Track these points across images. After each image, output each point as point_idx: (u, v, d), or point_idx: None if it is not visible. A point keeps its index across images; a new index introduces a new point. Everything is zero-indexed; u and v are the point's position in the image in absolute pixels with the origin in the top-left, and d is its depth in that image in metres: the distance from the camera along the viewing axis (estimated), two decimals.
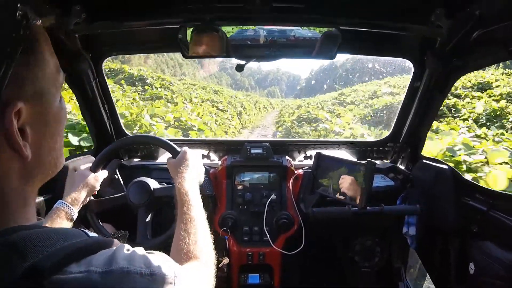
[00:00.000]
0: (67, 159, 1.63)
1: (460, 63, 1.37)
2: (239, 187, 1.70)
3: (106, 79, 1.62)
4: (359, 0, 1.17)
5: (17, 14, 0.40)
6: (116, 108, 1.75)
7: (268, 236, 1.59)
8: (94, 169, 1.32)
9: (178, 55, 1.35)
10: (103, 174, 1.34)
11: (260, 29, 1.27)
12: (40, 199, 1.43)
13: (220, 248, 1.56)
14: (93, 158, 1.35)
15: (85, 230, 0.56)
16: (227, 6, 1.17)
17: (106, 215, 1.40)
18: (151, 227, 1.35)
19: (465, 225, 1.38)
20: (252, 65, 1.38)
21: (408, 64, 1.58)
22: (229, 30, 1.24)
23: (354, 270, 1.99)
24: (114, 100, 1.72)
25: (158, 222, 1.42)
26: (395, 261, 1.96)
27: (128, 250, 0.53)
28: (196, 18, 1.19)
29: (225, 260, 1.56)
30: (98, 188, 1.30)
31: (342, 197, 1.48)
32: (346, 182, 1.48)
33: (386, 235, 1.95)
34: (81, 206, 1.22)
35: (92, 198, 1.33)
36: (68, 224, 1.14)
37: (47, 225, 1.08)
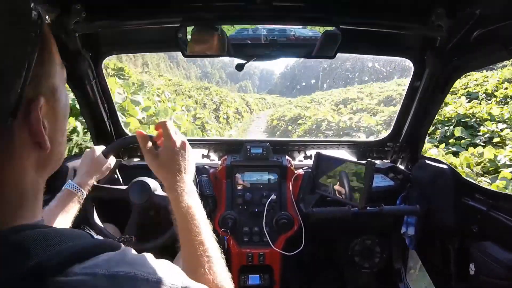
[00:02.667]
0: (66, 159, 1.63)
1: (460, 63, 1.37)
2: (239, 187, 1.69)
3: (106, 78, 1.62)
4: (359, 0, 1.17)
5: (32, 14, 0.41)
6: (116, 107, 1.75)
7: (268, 236, 1.59)
8: (106, 153, 1.31)
9: None
10: (113, 161, 1.35)
11: (260, 28, 1.27)
12: None
13: (220, 248, 1.56)
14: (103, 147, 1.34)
15: (90, 232, 0.56)
16: (227, 5, 1.17)
17: (107, 214, 1.39)
18: (145, 229, 1.35)
19: (465, 225, 1.38)
20: (224, 57, 1.37)
21: (408, 63, 1.58)
22: (229, 29, 1.24)
23: (354, 270, 1.99)
24: (113, 99, 1.72)
25: (154, 224, 1.42)
26: (395, 262, 1.96)
27: (135, 254, 0.52)
28: (196, 17, 1.19)
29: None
30: (105, 175, 1.32)
31: (342, 197, 1.48)
32: (346, 182, 1.48)
33: (386, 235, 1.95)
34: (87, 190, 1.20)
35: (94, 183, 1.31)
36: (76, 207, 1.13)
37: (56, 205, 1.07)
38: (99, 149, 1.31)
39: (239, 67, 1.33)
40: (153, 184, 1.36)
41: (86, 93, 1.56)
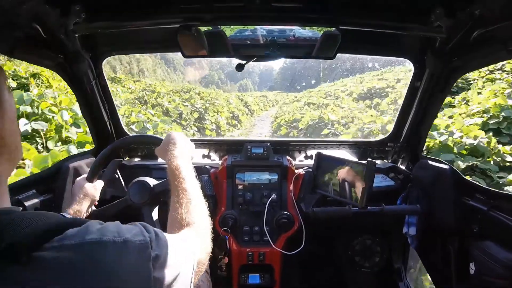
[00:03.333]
0: (66, 159, 1.63)
1: (460, 63, 1.37)
2: (240, 187, 1.70)
3: (106, 79, 1.62)
4: (359, 0, 1.16)
5: None
6: (117, 108, 1.75)
7: (268, 236, 1.59)
8: (90, 178, 1.33)
9: None
10: (100, 183, 1.35)
11: (260, 28, 1.27)
12: (40, 198, 1.43)
13: (221, 248, 1.56)
14: (93, 158, 1.35)
15: (63, 214, 0.59)
16: (227, 6, 1.17)
17: (108, 220, 1.39)
18: (160, 225, 1.34)
19: (466, 225, 1.38)
20: (223, 58, 1.37)
21: (408, 64, 1.58)
22: (229, 30, 1.24)
23: (354, 270, 1.99)
24: (114, 100, 1.72)
25: (164, 221, 1.43)
26: (395, 261, 1.97)
27: (100, 224, 0.56)
28: (195, 18, 1.19)
29: (225, 260, 1.56)
30: (98, 197, 1.32)
31: (343, 197, 1.48)
32: (346, 182, 1.48)
33: (386, 235, 1.95)
34: (84, 217, 1.23)
35: (93, 208, 1.34)
36: None
37: None
38: (81, 178, 1.33)
39: (239, 67, 1.33)
40: (150, 180, 1.36)
41: (87, 93, 1.57)
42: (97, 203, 1.34)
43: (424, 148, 1.94)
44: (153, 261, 0.55)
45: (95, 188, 1.31)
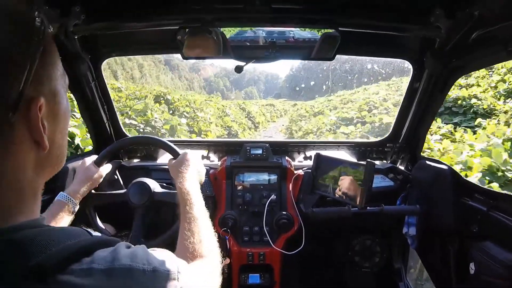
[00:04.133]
0: (67, 160, 1.63)
1: (459, 64, 1.37)
2: (239, 187, 1.70)
3: (105, 80, 1.62)
4: (358, 2, 1.17)
5: (36, 21, 0.47)
6: (116, 109, 1.75)
7: (268, 236, 1.59)
8: (98, 162, 1.32)
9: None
10: (106, 169, 1.35)
11: (259, 30, 1.27)
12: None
13: (221, 249, 1.56)
14: (95, 157, 1.35)
15: (88, 230, 0.58)
16: (227, 7, 1.17)
17: (105, 214, 1.39)
18: (147, 228, 1.35)
19: (465, 225, 1.38)
20: (227, 64, 1.36)
21: (407, 65, 1.59)
22: (229, 31, 1.25)
23: (354, 270, 1.99)
24: (113, 101, 1.72)
25: (155, 223, 1.42)
26: (395, 261, 1.97)
27: (129, 247, 0.54)
28: (195, 19, 1.19)
29: (226, 261, 1.56)
30: (99, 182, 1.32)
31: (342, 198, 1.49)
32: (345, 182, 1.48)
33: (386, 235, 1.95)
34: (80, 198, 1.22)
35: (92, 191, 1.33)
36: (68, 217, 1.15)
37: (48, 217, 1.08)
38: (90, 159, 1.33)
39: (238, 69, 1.33)
40: (152, 183, 1.36)
41: (86, 95, 1.57)
42: (97, 186, 1.33)
43: None
44: None
45: (100, 173, 1.31)
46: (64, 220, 1.13)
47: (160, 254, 0.57)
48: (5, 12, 0.45)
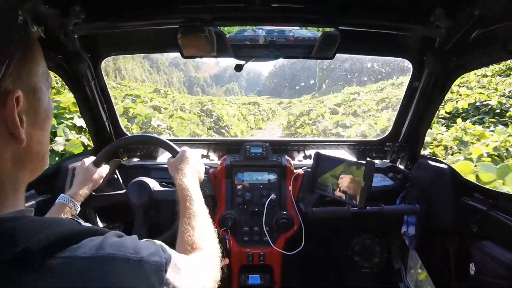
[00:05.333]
0: (65, 159, 1.63)
1: (459, 63, 1.37)
2: (239, 186, 1.70)
3: (105, 79, 1.62)
4: (358, 1, 1.16)
5: (19, 19, 0.49)
6: (115, 108, 1.75)
7: (268, 236, 1.59)
8: (97, 163, 1.32)
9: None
10: (105, 169, 1.35)
11: (259, 29, 1.27)
12: (39, 198, 1.42)
13: (221, 249, 1.56)
14: (93, 158, 1.35)
15: (78, 220, 0.58)
16: (227, 6, 1.17)
17: (104, 214, 1.39)
18: (148, 227, 1.35)
19: (465, 225, 1.38)
20: (209, 60, 1.34)
21: (407, 64, 1.58)
22: (228, 30, 1.24)
23: (354, 270, 1.99)
24: (113, 100, 1.72)
25: (156, 222, 1.42)
26: (395, 261, 1.96)
27: (119, 237, 0.54)
28: (195, 18, 1.18)
29: (225, 261, 1.56)
30: (99, 183, 1.31)
31: (342, 197, 1.48)
32: (345, 181, 1.48)
33: (386, 235, 1.95)
34: (81, 200, 1.22)
35: (92, 193, 1.33)
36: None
37: (48, 215, 1.09)
38: (89, 160, 1.33)
39: (238, 68, 1.33)
40: (151, 182, 1.36)
41: (85, 93, 1.56)
42: (97, 187, 1.33)
43: None
44: (164, 285, 0.54)
45: (100, 174, 1.31)
46: None
47: (150, 245, 0.56)
48: None
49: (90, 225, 0.62)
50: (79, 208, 1.19)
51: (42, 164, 0.58)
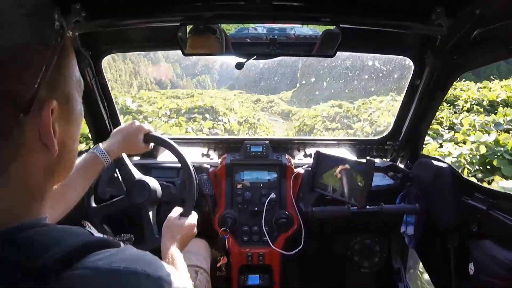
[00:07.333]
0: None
1: (460, 61, 1.37)
2: (239, 186, 1.69)
3: (105, 77, 1.62)
4: None
5: (56, 24, 0.48)
6: (116, 106, 1.75)
7: (267, 236, 1.59)
8: (147, 140, 1.23)
9: None
10: (148, 148, 1.26)
11: (260, 27, 1.27)
12: None
13: (220, 247, 1.56)
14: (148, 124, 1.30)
15: (90, 230, 0.56)
16: (228, 4, 1.16)
17: (113, 226, 1.40)
18: (157, 225, 1.33)
19: (465, 224, 1.38)
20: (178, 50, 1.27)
21: (408, 62, 1.58)
22: (229, 28, 1.24)
23: (353, 270, 1.99)
24: (113, 98, 1.72)
25: (159, 221, 1.42)
26: (395, 261, 1.96)
27: (136, 251, 0.53)
28: (196, 16, 1.18)
29: (224, 259, 1.56)
30: (137, 152, 1.26)
31: (342, 196, 1.48)
32: (345, 181, 1.48)
33: (386, 234, 1.95)
34: (112, 159, 1.16)
35: (94, 205, 1.33)
36: (98, 173, 1.13)
37: (77, 166, 1.06)
38: (144, 129, 1.22)
39: (239, 66, 1.33)
40: (150, 181, 1.36)
41: (86, 91, 1.56)
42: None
43: None
44: None
45: (146, 147, 1.24)
46: (94, 175, 1.12)
47: (166, 264, 0.56)
48: (25, 13, 0.45)
49: (102, 235, 0.62)
50: (109, 162, 1.14)
51: (69, 171, 0.57)
